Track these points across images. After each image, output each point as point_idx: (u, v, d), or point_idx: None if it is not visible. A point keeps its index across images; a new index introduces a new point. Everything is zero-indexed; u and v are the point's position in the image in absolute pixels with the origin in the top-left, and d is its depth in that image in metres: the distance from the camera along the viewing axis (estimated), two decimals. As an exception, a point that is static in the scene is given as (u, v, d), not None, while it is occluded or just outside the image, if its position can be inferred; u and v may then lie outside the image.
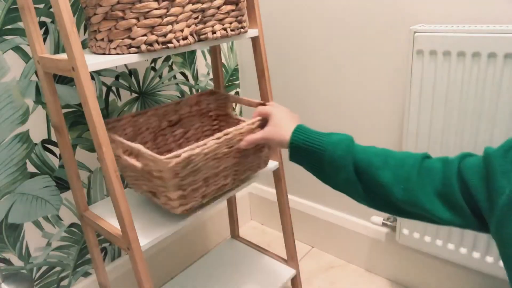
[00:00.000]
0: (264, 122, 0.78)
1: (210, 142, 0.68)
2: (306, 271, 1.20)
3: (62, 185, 0.89)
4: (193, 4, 0.67)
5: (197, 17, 0.69)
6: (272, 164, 0.93)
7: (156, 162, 0.63)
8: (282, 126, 0.69)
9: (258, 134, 0.71)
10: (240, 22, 0.77)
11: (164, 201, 0.72)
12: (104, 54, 0.65)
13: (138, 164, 0.64)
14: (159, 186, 0.70)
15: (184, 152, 0.64)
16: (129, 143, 0.66)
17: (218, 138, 0.70)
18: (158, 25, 0.63)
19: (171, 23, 0.64)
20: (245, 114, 1.35)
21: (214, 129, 1.02)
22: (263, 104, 0.87)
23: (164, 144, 0.93)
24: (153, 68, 1.03)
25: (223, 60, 1.24)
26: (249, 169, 0.83)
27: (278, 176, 0.95)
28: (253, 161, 0.82)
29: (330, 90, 1.09)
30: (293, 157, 0.67)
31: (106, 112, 0.95)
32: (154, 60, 1.03)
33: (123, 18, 0.61)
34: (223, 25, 0.74)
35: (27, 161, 0.82)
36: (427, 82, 0.82)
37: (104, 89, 0.93)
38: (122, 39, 0.63)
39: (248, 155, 0.79)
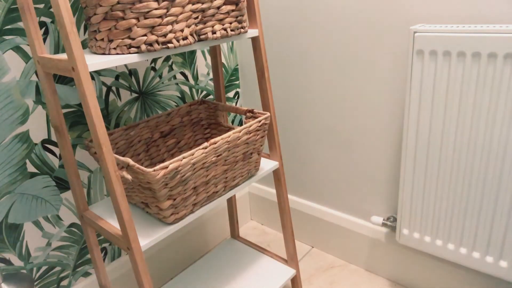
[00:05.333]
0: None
1: (197, 152, 0.70)
2: (306, 271, 1.20)
3: (62, 185, 0.89)
4: (193, 4, 0.67)
5: (197, 17, 0.69)
6: (272, 164, 0.93)
7: (144, 174, 0.64)
8: None
9: None
10: (240, 22, 0.77)
11: (156, 211, 0.73)
12: (104, 54, 0.65)
13: (128, 176, 0.65)
14: (150, 197, 0.71)
15: (172, 163, 0.66)
16: (117, 156, 0.67)
17: (205, 148, 0.71)
18: (158, 25, 0.63)
19: (171, 23, 0.64)
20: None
21: (206, 137, 1.04)
22: (251, 111, 0.88)
23: (157, 155, 0.94)
24: (153, 68, 1.03)
25: (223, 60, 1.24)
26: (239, 175, 0.84)
27: (278, 176, 0.95)
28: (243, 168, 0.83)
29: (330, 89, 1.09)
30: None
31: (106, 112, 0.95)
32: (154, 60, 1.03)
33: (123, 18, 0.61)
34: (223, 25, 0.74)
35: (27, 161, 0.82)
36: (427, 82, 0.82)
37: (104, 89, 0.93)
38: (122, 39, 0.63)
39: (237, 162, 0.80)
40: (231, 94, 1.30)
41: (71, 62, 0.57)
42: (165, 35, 0.64)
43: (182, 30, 0.66)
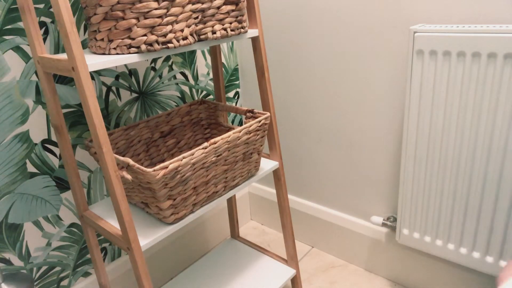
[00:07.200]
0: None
1: (197, 152, 0.70)
2: (306, 271, 1.20)
3: (62, 185, 0.89)
4: (193, 4, 0.67)
5: (197, 17, 0.69)
6: (272, 164, 0.93)
7: (144, 174, 0.64)
8: None
9: None
10: (240, 22, 0.77)
11: (156, 211, 0.73)
12: (104, 54, 0.65)
13: (128, 176, 0.65)
14: (150, 197, 0.71)
15: (172, 163, 0.66)
16: (117, 156, 0.67)
17: (205, 148, 0.71)
18: (158, 25, 0.63)
19: (171, 23, 0.64)
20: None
21: (206, 137, 1.04)
22: (251, 111, 0.88)
23: (157, 155, 0.94)
24: (153, 68, 1.03)
25: (223, 60, 1.24)
26: (239, 175, 0.84)
27: (278, 176, 0.95)
28: (243, 168, 0.83)
29: (330, 90, 1.09)
30: None
31: (106, 112, 0.95)
32: (154, 60, 1.03)
33: (123, 18, 0.61)
34: (223, 25, 0.74)
35: (27, 161, 0.82)
36: (427, 82, 0.82)
37: (104, 89, 0.93)
38: (122, 39, 0.63)
39: (237, 162, 0.80)
40: (231, 94, 1.30)
41: (71, 62, 0.57)
42: (165, 35, 0.64)
43: (182, 30, 0.66)
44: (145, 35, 0.62)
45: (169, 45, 0.65)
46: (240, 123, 1.37)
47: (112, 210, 0.82)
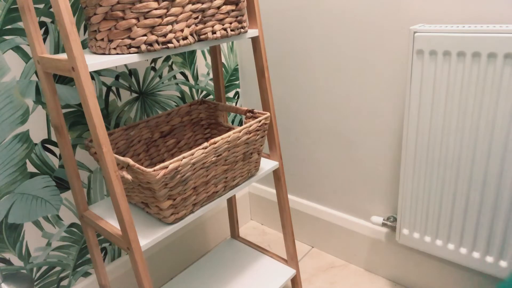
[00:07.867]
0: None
1: (197, 152, 0.70)
2: (306, 271, 1.20)
3: (62, 185, 0.89)
4: (193, 4, 0.67)
5: (197, 17, 0.69)
6: (272, 164, 0.93)
7: (144, 174, 0.64)
8: None
9: None
10: (240, 22, 0.77)
11: (156, 211, 0.73)
12: (104, 54, 0.65)
13: (128, 176, 0.65)
14: (150, 197, 0.71)
15: (172, 163, 0.66)
16: (117, 156, 0.67)
17: (205, 148, 0.71)
18: (158, 25, 0.63)
19: (171, 23, 0.64)
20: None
21: (207, 137, 1.04)
22: (251, 111, 0.88)
23: (157, 155, 0.94)
24: (153, 68, 1.03)
25: (223, 60, 1.24)
26: (239, 175, 0.84)
27: (278, 176, 0.95)
28: (243, 168, 0.83)
29: (330, 90, 1.09)
30: None
31: (106, 112, 0.95)
32: (154, 60, 1.03)
33: (123, 18, 0.61)
34: (223, 25, 0.74)
35: (27, 161, 0.82)
36: (427, 82, 0.82)
37: (104, 89, 0.93)
38: (122, 39, 0.63)
39: (237, 162, 0.80)
40: (231, 94, 1.30)
41: (71, 62, 0.57)
42: (165, 35, 0.64)
43: (182, 30, 0.66)
44: (145, 35, 0.63)
45: (169, 45, 0.65)
46: (240, 123, 1.37)
47: (112, 210, 0.82)
